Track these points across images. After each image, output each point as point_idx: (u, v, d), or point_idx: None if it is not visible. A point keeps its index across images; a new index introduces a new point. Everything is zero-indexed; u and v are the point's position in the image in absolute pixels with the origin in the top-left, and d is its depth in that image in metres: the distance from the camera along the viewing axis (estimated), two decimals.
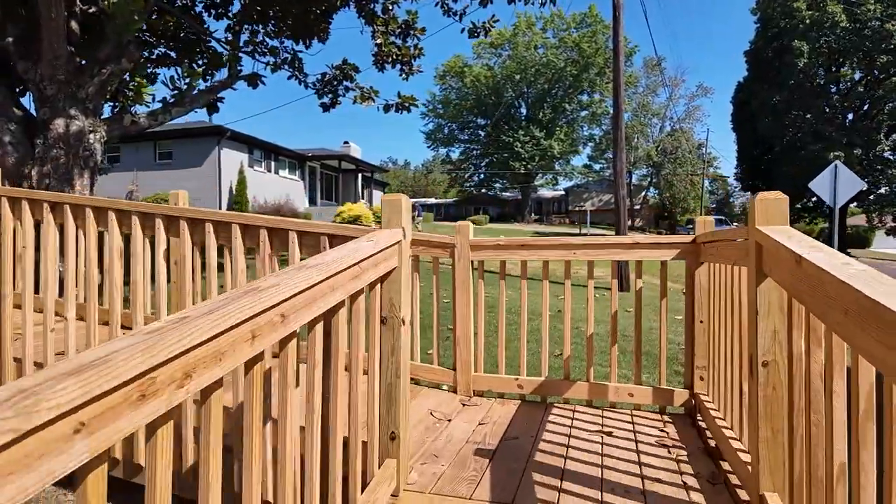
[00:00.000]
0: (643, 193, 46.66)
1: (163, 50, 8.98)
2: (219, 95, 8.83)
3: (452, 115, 47.53)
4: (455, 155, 51.16)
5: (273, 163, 24.92)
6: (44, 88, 5.93)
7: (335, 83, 9.42)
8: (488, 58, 45.72)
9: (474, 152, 49.02)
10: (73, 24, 6.28)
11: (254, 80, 8.74)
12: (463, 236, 3.13)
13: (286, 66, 9.34)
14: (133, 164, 22.13)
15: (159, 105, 7.31)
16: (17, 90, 6.65)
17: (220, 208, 21.13)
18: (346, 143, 30.81)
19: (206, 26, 8.92)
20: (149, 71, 7.98)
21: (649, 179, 46.35)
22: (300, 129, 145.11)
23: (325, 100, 9.63)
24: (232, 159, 21.71)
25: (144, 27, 6.92)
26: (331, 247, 2.05)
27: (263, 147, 24.13)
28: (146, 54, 8.05)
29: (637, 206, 44.68)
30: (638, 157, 43.22)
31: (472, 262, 3.13)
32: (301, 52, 9.71)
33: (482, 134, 47.22)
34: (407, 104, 9.65)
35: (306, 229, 2.25)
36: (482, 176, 49.87)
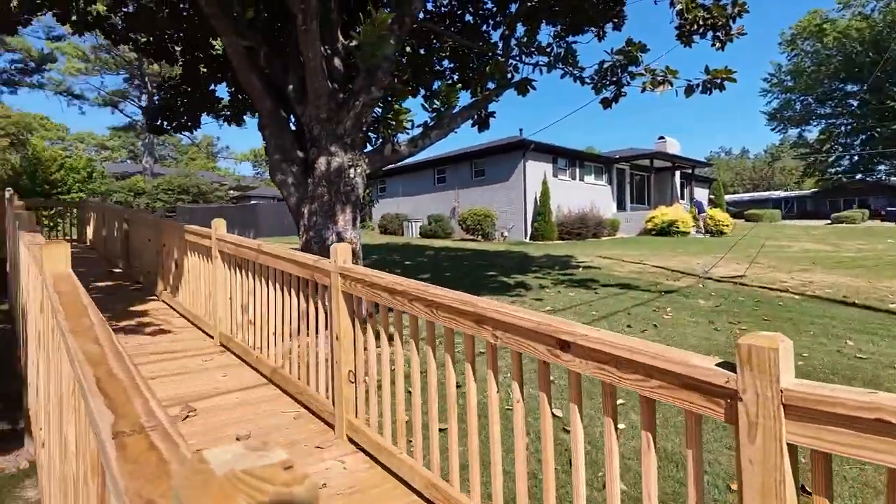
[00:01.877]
0: None
1: (442, 66, 8.86)
2: (489, 110, 8.14)
3: (807, 85, 37.62)
4: (811, 135, 40.39)
5: (577, 170, 23.94)
6: (311, 129, 6.17)
7: (618, 71, 7.57)
8: (863, 3, 34.33)
9: (842, 128, 37.62)
10: (336, 61, 6.42)
11: (524, 86, 7.70)
12: None
13: (560, 64, 8.00)
14: (455, 182, 24.48)
15: (420, 130, 7.00)
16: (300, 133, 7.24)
17: (525, 219, 21.33)
18: (660, 138, 27.48)
19: (483, 34, 8.39)
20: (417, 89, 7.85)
21: None
22: (594, 129, 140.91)
23: (607, 93, 7.87)
24: (536, 170, 21.67)
25: (399, 54, 6.72)
26: None
27: (567, 155, 23.41)
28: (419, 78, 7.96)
29: None
30: None
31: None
32: (577, 42, 8.21)
33: (853, 104, 35.77)
34: (720, 80, 7.03)
35: None
36: (855, 158, 37.84)
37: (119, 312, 5.47)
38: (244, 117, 10.15)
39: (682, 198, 27.62)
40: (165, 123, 10.37)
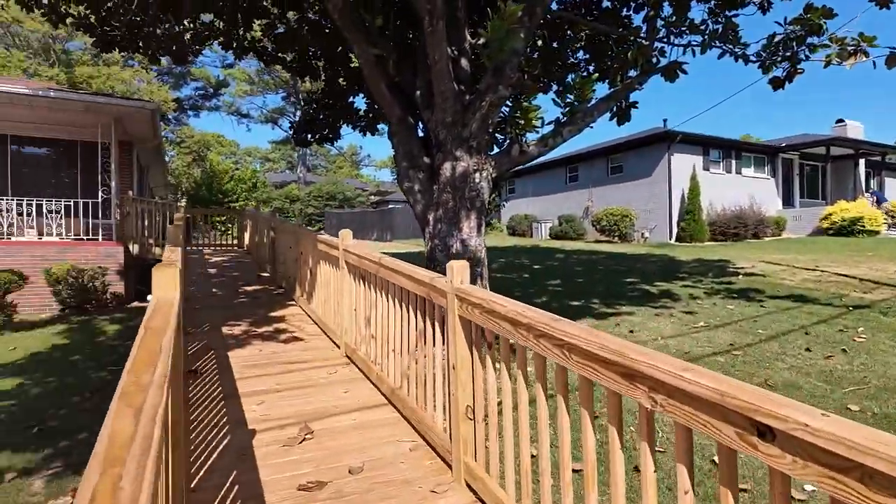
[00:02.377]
0: None
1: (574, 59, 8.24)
2: (630, 100, 7.34)
3: None
4: None
5: (733, 161, 21.28)
6: (437, 134, 5.99)
7: (792, 44, 6.30)
8: None
9: None
10: (463, 62, 6.16)
11: (673, 70, 6.78)
12: None
13: (717, 42, 6.91)
14: (588, 181, 23.24)
15: (551, 127, 6.46)
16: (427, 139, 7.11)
17: (669, 218, 19.49)
18: (839, 121, 23.38)
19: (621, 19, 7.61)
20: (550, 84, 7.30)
21: None
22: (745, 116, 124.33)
23: (778, 72, 6.62)
24: (683, 164, 19.64)
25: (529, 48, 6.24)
26: None
27: (721, 145, 20.92)
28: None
29: None
30: None
31: None
32: (738, 14, 7.03)
33: None
34: None
35: None
36: None
37: (260, 318, 5.77)
38: (378, 126, 10.46)
39: (865, 190, 23.18)
40: (309, 136, 11.09)
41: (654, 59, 7.05)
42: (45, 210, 10.21)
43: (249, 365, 4.20)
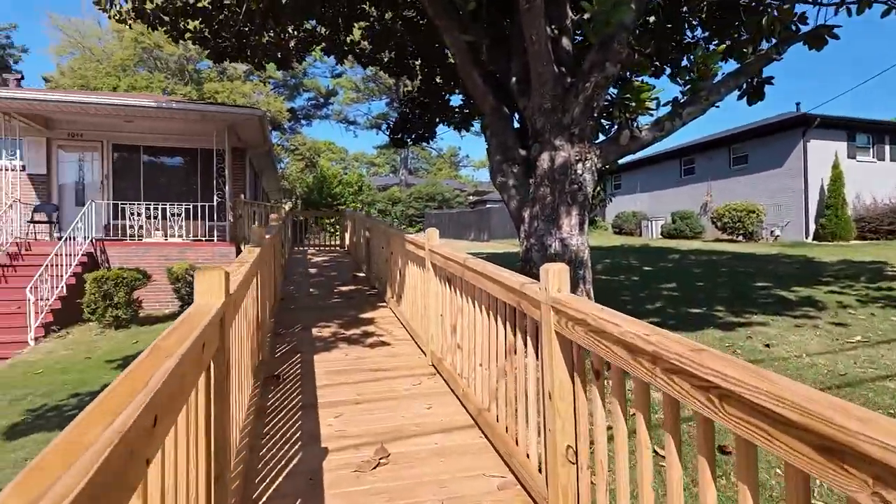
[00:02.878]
0: None
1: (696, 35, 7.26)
2: (764, 76, 6.29)
3: None
4: None
5: (887, 147, 18.20)
6: (534, 122, 5.45)
7: None
8: None
9: None
10: (564, 41, 5.55)
11: (820, 37, 5.66)
12: None
13: None
14: (707, 173, 21.17)
15: (667, 110, 5.64)
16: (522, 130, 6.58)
17: (805, 214, 17.12)
18: None
19: None
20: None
21: None
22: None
23: None
24: (822, 152, 17.12)
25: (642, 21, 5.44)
26: None
27: (871, 129, 17.98)
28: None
29: None
30: None
31: None
32: None
33: None
34: None
35: None
36: None
37: (350, 320, 5.62)
38: (471, 122, 10.11)
39: None
40: (405, 136, 11.02)
41: (794, 27, 5.95)
42: (168, 213, 11.10)
43: (333, 371, 3.99)
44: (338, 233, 15.55)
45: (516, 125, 6.38)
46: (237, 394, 2.46)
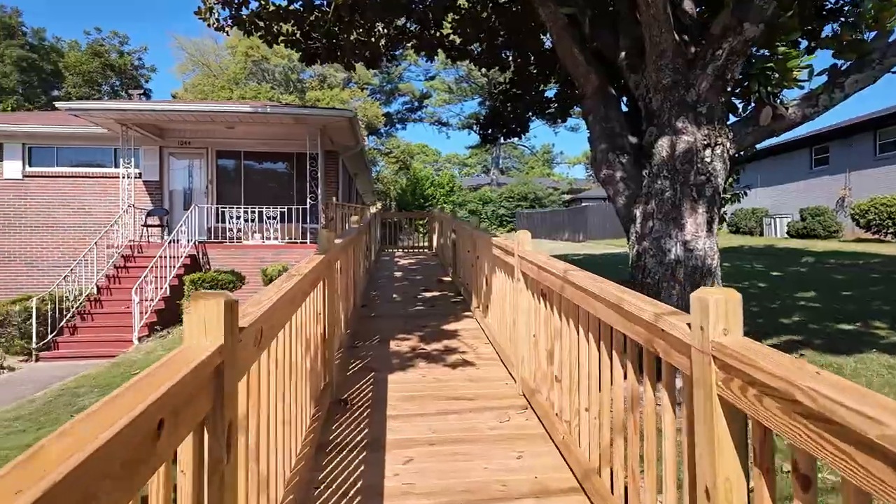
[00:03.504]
0: None
1: None
2: None
3: None
4: None
5: None
6: (649, 102, 4.56)
7: None
8: None
9: None
10: (687, 3, 4.59)
11: None
12: None
13: None
14: (844, 164, 18.35)
15: (824, 80, 4.47)
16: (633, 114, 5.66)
17: None
18: None
19: None
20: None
21: None
22: None
23: None
24: None
25: None
26: None
27: None
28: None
29: None
30: None
31: None
32: None
33: None
34: None
35: None
36: None
37: (432, 332, 5.08)
38: (569, 111, 9.25)
39: None
40: (496, 131, 10.37)
41: None
42: (264, 216, 11.35)
43: (407, 396, 3.44)
44: (426, 234, 15.27)
45: (624, 109, 5.50)
46: (283, 441, 1.96)
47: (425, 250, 13.20)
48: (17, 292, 10.54)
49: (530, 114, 10.36)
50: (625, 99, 5.83)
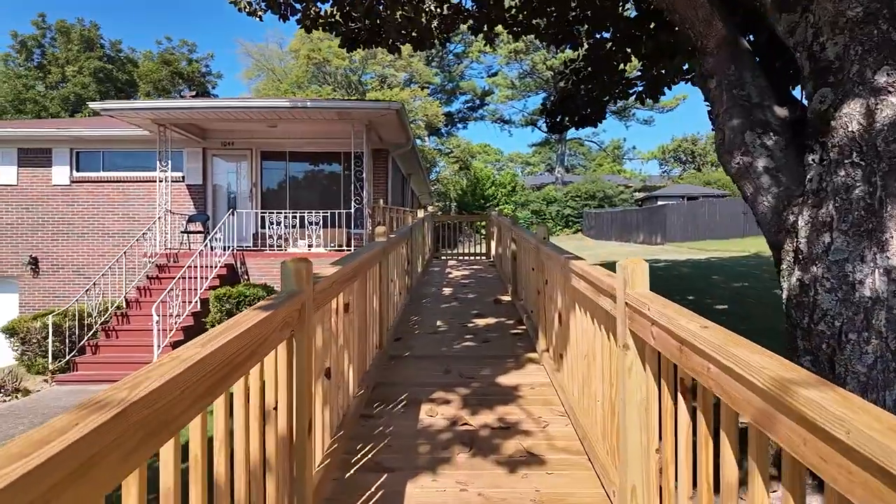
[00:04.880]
0: None
1: None
2: None
3: None
4: None
5: None
6: (819, 51, 2.91)
7: None
8: None
9: None
10: None
11: None
12: None
13: None
14: None
15: None
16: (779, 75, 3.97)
17: None
18: None
19: None
20: None
21: None
22: None
23: None
24: None
25: None
26: None
27: None
28: None
29: None
30: None
31: None
32: None
33: None
34: None
35: None
36: None
37: (481, 388, 3.65)
38: (663, 88, 7.54)
39: None
40: (566, 118, 8.80)
41: None
42: (306, 221, 10.36)
43: None
44: (484, 239, 13.79)
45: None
46: None
47: (482, 258, 11.75)
48: (66, 302, 10.13)
49: (607, 98, 8.72)
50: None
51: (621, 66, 8.57)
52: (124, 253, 9.57)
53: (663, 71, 7.96)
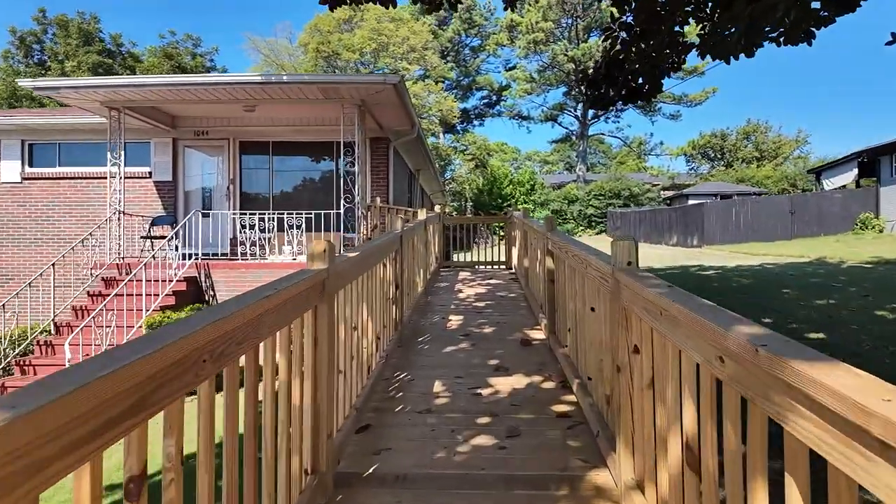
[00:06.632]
0: None
1: None
2: None
3: None
4: None
5: None
6: None
7: None
8: None
9: None
10: None
11: None
12: None
13: None
14: None
15: None
16: None
17: None
18: None
19: None
20: None
21: None
22: None
23: None
24: None
25: None
26: None
27: None
28: None
29: None
30: None
31: None
32: None
33: None
34: None
35: None
36: None
37: None
38: (756, 43, 5.53)
39: None
40: (612, 91, 6.84)
41: None
42: (293, 225, 8.51)
43: None
44: (503, 242, 11.79)
45: None
46: None
47: (501, 268, 9.77)
48: (13, 320, 8.47)
49: (666, 65, 6.73)
50: None
51: (680, 28, 6.61)
52: (52, 265, 7.83)
53: (732, 29, 5.96)
